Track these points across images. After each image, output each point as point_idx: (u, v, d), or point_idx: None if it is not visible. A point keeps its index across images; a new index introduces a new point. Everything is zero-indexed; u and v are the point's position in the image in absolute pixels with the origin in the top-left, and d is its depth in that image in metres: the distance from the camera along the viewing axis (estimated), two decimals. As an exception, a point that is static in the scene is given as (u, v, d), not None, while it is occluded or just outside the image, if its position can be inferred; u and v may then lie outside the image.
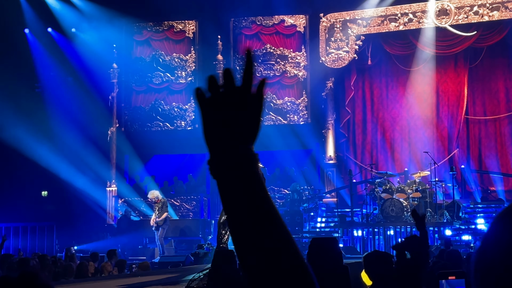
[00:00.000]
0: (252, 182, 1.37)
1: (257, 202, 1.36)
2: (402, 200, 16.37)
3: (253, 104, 1.41)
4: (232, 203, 1.38)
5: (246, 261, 1.35)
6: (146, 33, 22.66)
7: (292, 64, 21.39)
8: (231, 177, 1.38)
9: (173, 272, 11.74)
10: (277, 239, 1.35)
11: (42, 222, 20.82)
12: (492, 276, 1.19)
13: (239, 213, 1.37)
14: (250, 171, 1.38)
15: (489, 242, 1.23)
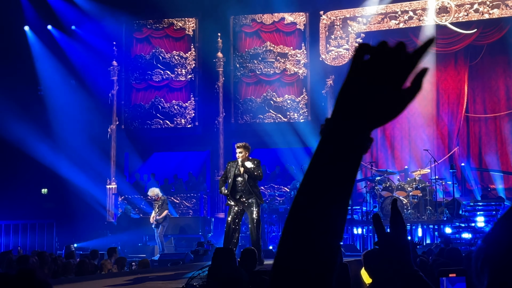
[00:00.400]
0: (355, 168, 1.26)
1: (347, 185, 1.25)
2: (402, 198, 16.36)
3: (409, 89, 1.29)
4: (325, 174, 1.24)
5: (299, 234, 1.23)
6: (146, 31, 22.66)
7: (292, 62, 21.38)
8: (344, 154, 1.25)
9: (173, 269, 11.74)
10: (338, 222, 1.24)
11: (42, 220, 20.82)
12: (501, 270, 1.19)
13: (325, 185, 1.24)
14: (360, 157, 1.27)
15: (497, 237, 1.23)
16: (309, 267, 1.21)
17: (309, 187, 1.25)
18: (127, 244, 18.73)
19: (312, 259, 1.21)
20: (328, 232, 1.22)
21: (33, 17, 22.28)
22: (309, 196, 1.24)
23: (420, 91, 1.30)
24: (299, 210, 1.24)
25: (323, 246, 1.22)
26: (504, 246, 1.18)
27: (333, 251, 1.23)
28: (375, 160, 20.06)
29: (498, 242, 1.20)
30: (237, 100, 21.89)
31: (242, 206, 11.04)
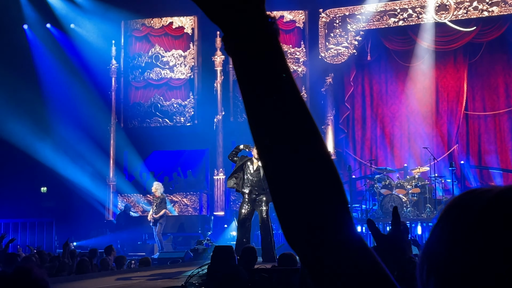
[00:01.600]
0: (278, 58, 1.12)
1: (284, 81, 1.12)
2: (402, 196, 16.36)
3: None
4: (252, 83, 1.13)
5: (266, 152, 1.13)
6: (145, 29, 22.65)
7: (291, 60, 21.36)
8: (253, 51, 1.11)
9: (172, 267, 11.74)
10: (304, 121, 1.12)
11: (41, 218, 20.82)
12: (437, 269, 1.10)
13: (260, 93, 1.12)
14: (276, 44, 1.13)
15: (438, 237, 1.12)
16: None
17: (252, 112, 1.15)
18: (127, 242, 18.73)
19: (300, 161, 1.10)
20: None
21: (32, 16, 22.26)
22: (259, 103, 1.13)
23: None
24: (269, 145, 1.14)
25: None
26: (448, 254, 1.06)
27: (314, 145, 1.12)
28: (374, 158, 20.07)
29: (440, 252, 1.08)
30: (237, 98, 21.87)
31: (253, 203, 11.27)
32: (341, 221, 1.11)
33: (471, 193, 1.10)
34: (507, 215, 1.02)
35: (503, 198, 1.04)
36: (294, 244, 1.13)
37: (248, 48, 1.12)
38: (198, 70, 22.18)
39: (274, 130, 1.13)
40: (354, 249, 1.12)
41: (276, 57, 1.13)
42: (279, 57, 1.13)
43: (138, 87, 22.66)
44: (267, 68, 1.12)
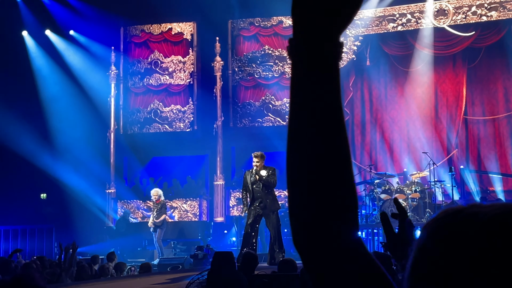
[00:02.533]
0: (336, 79, 1.21)
1: (335, 103, 1.22)
2: (401, 201, 16.34)
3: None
4: (306, 96, 1.20)
5: (299, 172, 1.19)
6: (144, 35, 22.67)
7: (290, 65, 21.36)
8: (319, 65, 1.19)
9: (172, 274, 11.72)
10: (340, 147, 1.22)
11: (41, 225, 20.79)
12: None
13: (310, 110, 1.20)
14: (337, 66, 1.21)
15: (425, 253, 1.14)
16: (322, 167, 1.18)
17: (297, 112, 1.21)
18: (126, 248, 18.71)
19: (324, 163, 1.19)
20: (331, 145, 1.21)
21: (31, 22, 22.28)
22: (299, 120, 1.21)
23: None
24: (295, 136, 1.21)
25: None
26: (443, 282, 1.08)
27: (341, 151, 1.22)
28: (374, 163, 20.06)
29: (433, 277, 1.10)
30: (236, 104, 21.89)
31: (263, 212, 11.58)
32: (351, 231, 1.17)
33: (457, 214, 1.13)
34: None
35: (501, 224, 1.05)
36: (303, 245, 1.18)
37: (324, 56, 1.20)
38: (197, 76, 22.19)
39: (313, 137, 1.21)
40: (357, 255, 1.17)
41: (337, 76, 1.21)
42: (338, 77, 1.22)
43: (137, 93, 22.67)
44: (330, 80, 1.21)
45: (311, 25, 1.18)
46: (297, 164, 1.20)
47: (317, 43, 1.18)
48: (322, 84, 1.19)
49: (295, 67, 1.23)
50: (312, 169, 1.18)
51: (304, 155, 1.19)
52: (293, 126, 1.21)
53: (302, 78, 1.21)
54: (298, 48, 1.21)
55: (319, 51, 1.18)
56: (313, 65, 1.19)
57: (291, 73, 1.24)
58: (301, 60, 1.21)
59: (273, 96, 21.52)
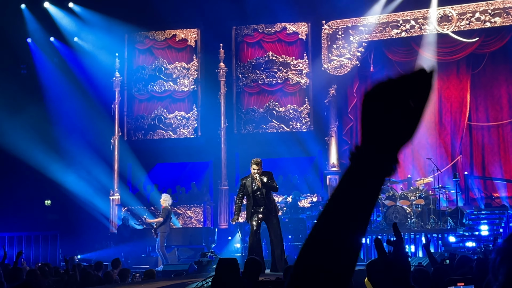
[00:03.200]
0: (378, 188, 1.37)
1: (369, 208, 1.37)
2: (406, 207, 16.34)
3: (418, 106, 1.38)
4: (352, 197, 1.37)
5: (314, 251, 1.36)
6: (148, 42, 22.72)
7: (294, 72, 21.41)
8: (372, 176, 1.36)
9: (176, 280, 11.71)
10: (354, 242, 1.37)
11: (46, 231, 20.80)
12: None
13: (348, 209, 1.37)
14: (384, 179, 1.38)
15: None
16: (330, 268, 1.34)
17: (338, 207, 1.37)
18: (130, 255, 18.71)
19: (333, 261, 1.35)
20: (349, 244, 1.36)
21: (35, 29, 22.36)
22: (336, 217, 1.37)
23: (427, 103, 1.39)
24: (325, 227, 1.37)
25: (344, 254, 1.36)
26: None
27: (352, 256, 1.37)
28: (378, 169, 20.01)
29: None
30: (240, 110, 21.92)
31: (265, 218, 11.45)
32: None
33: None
34: None
35: None
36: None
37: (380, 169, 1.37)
38: (201, 82, 22.23)
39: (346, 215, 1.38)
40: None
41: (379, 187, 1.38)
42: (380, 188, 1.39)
43: (141, 100, 22.71)
44: (376, 185, 1.37)
45: (377, 139, 1.37)
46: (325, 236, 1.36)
47: (378, 156, 1.36)
48: (369, 190, 1.37)
49: (355, 170, 1.39)
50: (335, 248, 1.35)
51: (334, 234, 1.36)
52: (331, 211, 1.38)
53: (357, 182, 1.37)
54: (362, 156, 1.39)
55: (380, 166, 1.36)
56: (371, 175, 1.36)
57: (347, 172, 1.40)
58: (362, 168, 1.37)
59: (277, 103, 21.54)
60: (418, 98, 1.38)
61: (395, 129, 1.34)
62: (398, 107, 1.35)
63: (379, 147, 1.35)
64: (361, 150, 1.39)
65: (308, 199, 19.65)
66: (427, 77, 1.45)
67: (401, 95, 1.38)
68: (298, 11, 20.95)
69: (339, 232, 1.34)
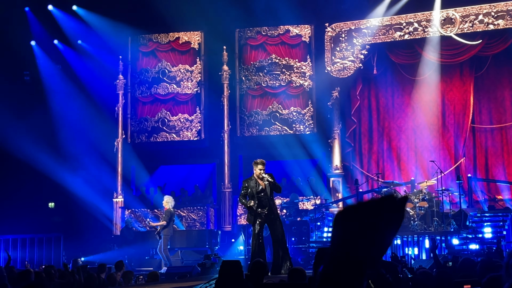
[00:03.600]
0: None
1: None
2: (409, 210, 16.34)
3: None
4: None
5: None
6: (151, 44, 22.76)
7: (297, 74, 21.43)
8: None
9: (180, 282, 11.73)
10: None
11: (49, 234, 20.84)
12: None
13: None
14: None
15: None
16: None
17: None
18: (134, 257, 18.73)
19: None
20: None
21: (39, 32, 22.41)
22: None
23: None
24: None
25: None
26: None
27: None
28: (381, 171, 20.06)
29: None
30: (243, 113, 21.94)
31: (267, 219, 11.40)
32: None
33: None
34: None
35: None
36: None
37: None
38: (204, 85, 22.26)
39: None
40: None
41: None
42: None
43: (145, 102, 22.75)
44: None
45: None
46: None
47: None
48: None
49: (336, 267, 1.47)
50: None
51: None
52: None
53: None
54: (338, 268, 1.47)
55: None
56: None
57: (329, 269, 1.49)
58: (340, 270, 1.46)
59: (280, 105, 21.56)
60: (388, 223, 1.44)
61: (364, 247, 1.43)
62: (368, 228, 1.43)
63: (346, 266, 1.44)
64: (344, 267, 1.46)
65: (311, 201, 19.65)
66: (398, 205, 1.46)
67: (371, 218, 1.44)
68: (301, 13, 20.97)
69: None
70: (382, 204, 1.45)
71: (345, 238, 1.45)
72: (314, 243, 17.31)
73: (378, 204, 1.45)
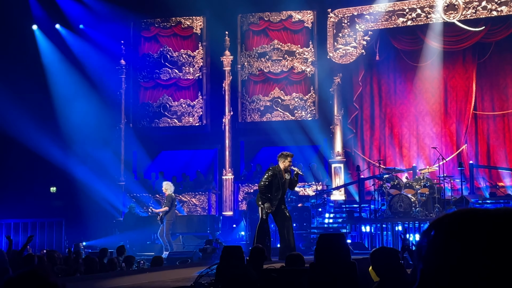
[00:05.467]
0: None
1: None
2: (410, 196, 16.34)
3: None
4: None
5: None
6: (153, 29, 22.71)
7: (299, 60, 21.38)
8: None
9: (181, 267, 11.77)
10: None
11: (51, 218, 20.90)
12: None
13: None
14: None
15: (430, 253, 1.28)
16: None
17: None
18: (136, 242, 18.77)
19: None
20: None
21: (41, 16, 22.35)
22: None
23: None
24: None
25: None
26: (437, 257, 1.23)
27: None
28: (383, 158, 20.05)
29: (440, 264, 1.24)
30: (245, 99, 21.92)
31: (276, 209, 11.61)
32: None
33: (474, 214, 1.25)
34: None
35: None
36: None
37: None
38: (206, 71, 22.22)
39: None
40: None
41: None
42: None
43: (147, 88, 22.73)
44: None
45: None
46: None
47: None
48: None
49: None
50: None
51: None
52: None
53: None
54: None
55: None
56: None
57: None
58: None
59: (282, 91, 21.54)
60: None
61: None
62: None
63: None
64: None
65: (313, 187, 19.67)
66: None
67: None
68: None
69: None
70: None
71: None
72: (315, 229, 17.35)
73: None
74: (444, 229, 1.24)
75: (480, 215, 1.22)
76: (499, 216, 1.20)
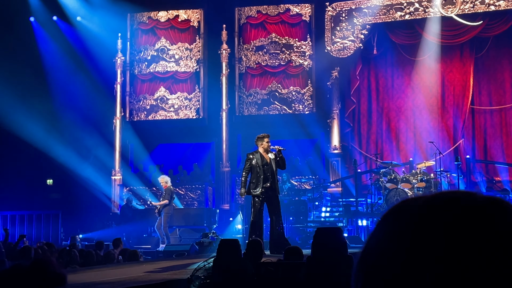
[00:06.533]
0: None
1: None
2: (407, 190, 16.36)
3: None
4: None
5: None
6: (151, 22, 22.65)
7: (297, 53, 21.35)
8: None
9: (178, 260, 11.78)
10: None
11: (47, 211, 20.89)
12: (374, 276, 1.16)
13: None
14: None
15: (372, 242, 1.22)
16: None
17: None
18: (132, 235, 18.78)
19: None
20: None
21: (38, 8, 22.29)
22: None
23: None
24: None
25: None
26: (375, 250, 1.17)
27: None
28: (380, 152, 20.07)
29: (371, 247, 1.19)
30: (242, 92, 21.89)
31: (267, 195, 11.32)
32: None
33: (402, 203, 1.22)
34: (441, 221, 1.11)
35: (432, 207, 1.15)
36: None
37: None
38: (204, 64, 22.18)
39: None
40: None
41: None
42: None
43: (144, 80, 22.69)
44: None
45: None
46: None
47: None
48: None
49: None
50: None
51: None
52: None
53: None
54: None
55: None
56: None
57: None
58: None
59: (280, 85, 21.51)
60: None
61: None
62: None
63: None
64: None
65: (310, 181, 19.66)
66: None
67: None
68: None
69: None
70: None
71: None
72: (312, 222, 17.35)
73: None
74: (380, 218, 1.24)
75: (408, 205, 1.21)
76: (423, 206, 1.19)
